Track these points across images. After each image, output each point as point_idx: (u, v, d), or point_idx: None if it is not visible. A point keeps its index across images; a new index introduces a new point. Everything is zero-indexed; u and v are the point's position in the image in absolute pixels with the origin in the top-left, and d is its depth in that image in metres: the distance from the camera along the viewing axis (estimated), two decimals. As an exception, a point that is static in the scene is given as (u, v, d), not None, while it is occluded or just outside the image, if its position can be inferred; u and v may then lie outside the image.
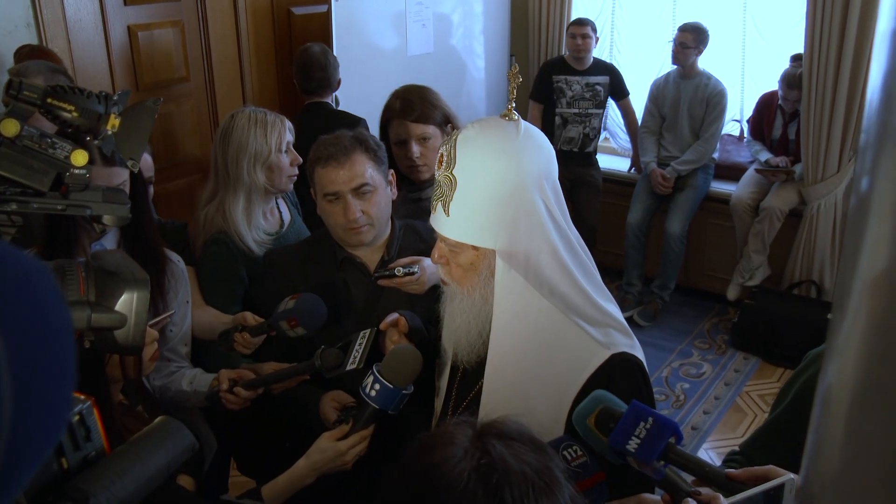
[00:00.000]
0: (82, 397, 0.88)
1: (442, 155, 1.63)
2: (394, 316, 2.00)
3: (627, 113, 5.79)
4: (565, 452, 1.40)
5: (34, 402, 0.59)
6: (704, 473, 1.35)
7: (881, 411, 0.46)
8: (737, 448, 1.89)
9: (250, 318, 2.25)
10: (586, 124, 5.52)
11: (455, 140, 1.60)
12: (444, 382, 1.90)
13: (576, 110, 5.50)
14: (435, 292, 1.85)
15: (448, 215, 1.61)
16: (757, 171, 5.32)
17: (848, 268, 0.49)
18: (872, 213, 0.46)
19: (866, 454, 0.48)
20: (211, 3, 4.61)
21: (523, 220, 1.58)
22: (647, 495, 1.44)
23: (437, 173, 1.65)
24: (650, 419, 1.35)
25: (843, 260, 0.51)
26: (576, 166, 5.50)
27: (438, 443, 1.12)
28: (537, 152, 1.63)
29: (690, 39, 5.20)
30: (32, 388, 0.58)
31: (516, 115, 1.64)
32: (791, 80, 5.04)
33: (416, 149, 2.78)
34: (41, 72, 2.93)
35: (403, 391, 1.82)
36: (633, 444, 1.35)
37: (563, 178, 5.79)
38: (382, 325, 2.00)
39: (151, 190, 2.57)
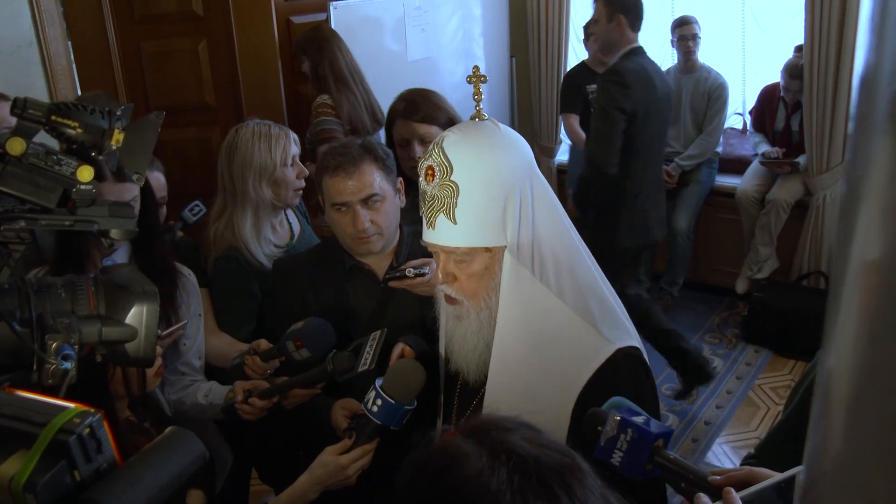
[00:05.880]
0: (92, 410, 0.89)
1: (431, 167, 1.61)
2: (398, 348, 1.98)
3: None
4: None
5: None
6: (689, 479, 1.35)
7: (877, 398, 0.47)
8: (752, 451, 1.88)
9: (264, 344, 2.25)
10: None
11: (442, 148, 1.60)
12: (442, 395, 1.89)
13: None
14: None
15: (456, 223, 1.59)
16: (762, 163, 5.31)
17: (841, 255, 0.49)
18: (862, 201, 0.47)
19: (865, 441, 0.48)
20: (238, 18, 4.57)
21: (526, 209, 1.59)
22: None
23: (429, 187, 1.62)
24: (629, 430, 1.35)
25: (836, 247, 0.51)
26: None
27: (451, 459, 1.05)
28: (521, 144, 1.66)
29: (697, 28, 5.23)
30: None
31: (486, 115, 1.67)
32: (793, 71, 5.03)
33: (418, 149, 2.78)
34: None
35: (406, 406, 1.80)
36: (616, 458, 1.35)
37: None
38: (391, 362, 1.95)
39: (164, 210, 2.57)
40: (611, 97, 3.94)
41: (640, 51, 4.12)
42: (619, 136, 3.96)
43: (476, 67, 1.74)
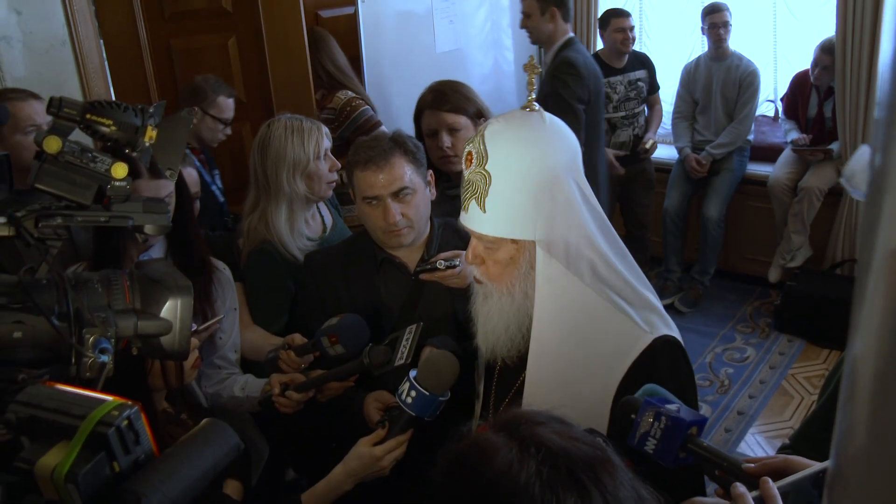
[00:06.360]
0: (130, 402, 0.91)
1: (471, 153, 1.62)
2: (425, 352, 1.99)
3: (652, 106, 5.52)
4: None
5: None
6: (723, 466, 1.34)
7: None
8: (786, 441, 1.86)
9: (298, 338, 2.26)
10: (634, 125, 5.29)
11: (483, 136, 1.60)
12: (482, 384, 1.89)
13: (623, 113, 5.24)
14: (468, 291, 1.85)
15: (485, 212, 1.60)
16: (794, 150, 5.24)
17: (867, 243, 0.49)
18: (888, 188, 0.47)
19: (887, 432, 0.48)
20: (267, 13, 4.59)
21: (560, 207, 1.58)
22: (700, 499, 1.42)
23: (466, 172, 1.64)
24: (663, 418, 1.34)
25: (861, 235, 0.51)
26: (628, 165, 5.25)
27: (482, 453, 1.05)
28: (565, 140, 1.64)
29: (728, 15, 5.16)
30: None
31: (537, 106, 1.65)
32: (827, 46, 4.91)
33: (446, 139, 2.79)
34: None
35: (440, 398, 1.81)
36: (650, 445, 1.35)
37: (616, 179, 5.62)
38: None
39: (198, 205, 2.59)
40: (570, 89, 4.02)
41: (575, 40, 4.24)
42: (583, 127, 4.04)
43: (532, 57, 1.72)
